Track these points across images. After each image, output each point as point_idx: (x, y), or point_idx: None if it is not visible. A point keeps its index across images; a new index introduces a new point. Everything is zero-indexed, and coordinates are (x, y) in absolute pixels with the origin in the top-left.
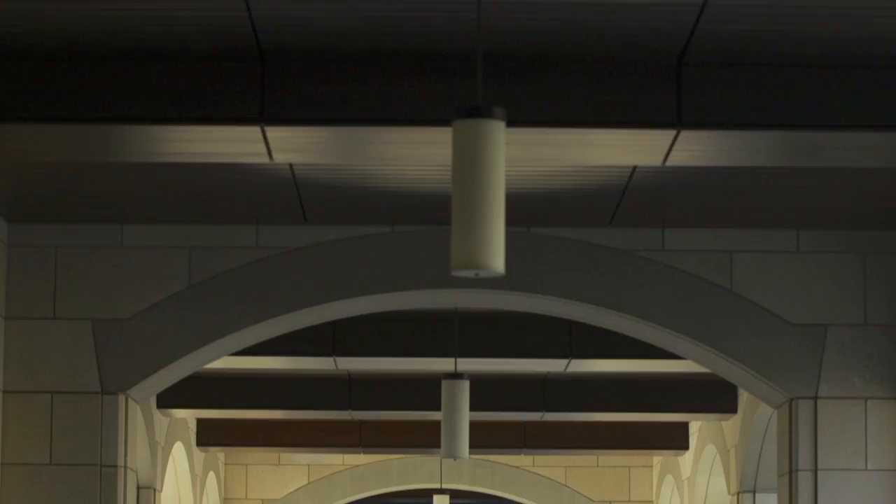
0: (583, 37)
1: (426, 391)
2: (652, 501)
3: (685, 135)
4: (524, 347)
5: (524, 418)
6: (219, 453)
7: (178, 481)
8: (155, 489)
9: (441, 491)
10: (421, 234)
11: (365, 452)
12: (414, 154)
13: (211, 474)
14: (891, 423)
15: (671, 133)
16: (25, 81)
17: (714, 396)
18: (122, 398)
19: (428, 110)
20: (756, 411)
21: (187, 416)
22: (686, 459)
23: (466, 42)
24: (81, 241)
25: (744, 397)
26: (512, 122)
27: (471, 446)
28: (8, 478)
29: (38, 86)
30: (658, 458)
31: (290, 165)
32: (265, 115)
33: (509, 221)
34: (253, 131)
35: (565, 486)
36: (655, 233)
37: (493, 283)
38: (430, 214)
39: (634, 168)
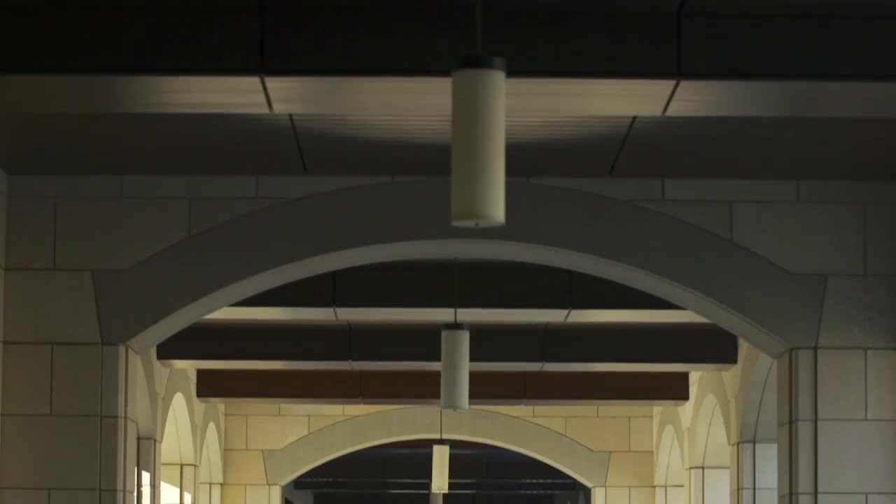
0: None
1: (426, 342)
2: (652, 451)
3: (685, 85)
4: (524, 297)
5: (524, 369)
6: (219, 404)
7: (178, 432)
8: (155, 440)
9: (441, 441)
10: (421, 184)
11: (365, 403)
12: (414, 104)
13: (211, 425)
14: (891, 373)
15: (671, 83)
16: (24, 32)
17: (714, 346)
18: (122, 349)
19: (428, 60)
20: (756, 361)
21: (187, 367)
22: (686, 409)
23: None
24: (81, 193)
25: (743, 347)
26: (512, 73)
27: (471, 397)
28: (8, 428)
29: (36, 36)
30: (658, 409)
31: (290, 116)
32: (265, 65)
33: (509, 172)
34: (252, 82)
35: (565, 436)
36: (655, 183)
37: (493, 233)
38: (430, 165)
39: (634, 118)
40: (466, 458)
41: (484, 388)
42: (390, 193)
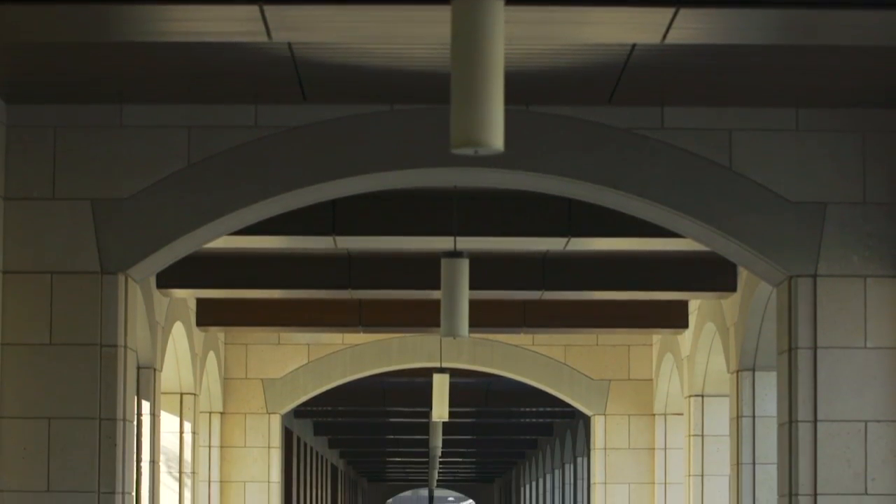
0: None
1: (426, 270)
2: (651, 380)
3: (684, 12)
4: (523, 225)
5: (524, 297)
6: (218, 333)
7: (177, 361)
8: (155, 369)
9: (441, 370)
10: (420, 112)
11: (365, 331)
12: (413, 32)
13: (211, 354)
14: (890, 301)
15: (670, 10)
16: None
17: (713, 274)
18: (121, 278)
19: None
20: (755, 289)
21: (187, 296)
22: (685, 338)
23: None
24: (80, 122)
25: (743, 275)
26: (511, 0)
27: (470, 325)
28: (8, 358)
29: None
30: (657, 337)
31: (289, 44)
32: None
33: (508, 100)
34: (251, 10)
35: (565, 364)
36: (654, 111)
37: (493, 161)
38: (429, 93)
39: (633, 46)
40: (466, 387)
41: (483, 317)
42: (389, 122)
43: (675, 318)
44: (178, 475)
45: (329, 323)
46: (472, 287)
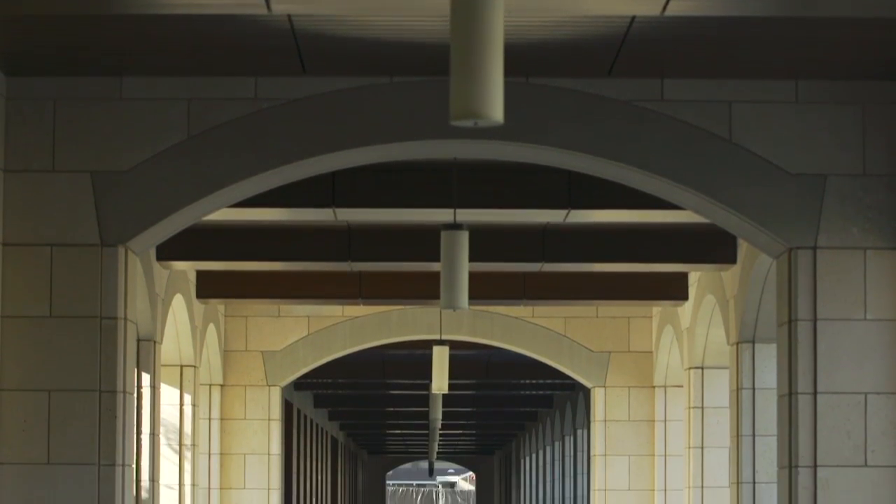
0: None
1: (426, 242)
2: (651, 352)
3: None
4: (523, 197)
5: (523, 269)
6: (218, 305)
7: (177, 333)
8: (155, 341)
9: (440, 342)
10: (420, 84)
11: (364, 304)
12: (413, 4)
13: (211, 326)
14: (890, 273)
15: None
16: None
17: (713, 246)
18: (121, 250)
19: None
20: (755, 261)
21: (187, 268)
22: (685, 310)
23: None
24: (80, 94)
25: (743, 247)
26: None
27: (470, 297)
28: (8, 330)
29: None
30: (657, 309)
31: (289, 16)
32: None
33: (508, 72)
34: None
35: (564, 336)
36: (654, 83)
37: (492, 133)
38: (429, 65)
39: (633, 18)
40: (466, 359)
41: (483, 289)
42: (389, 94)
43: (674, 290)
44: (178, 447)
45: (329, 295)
46: (471, 259)
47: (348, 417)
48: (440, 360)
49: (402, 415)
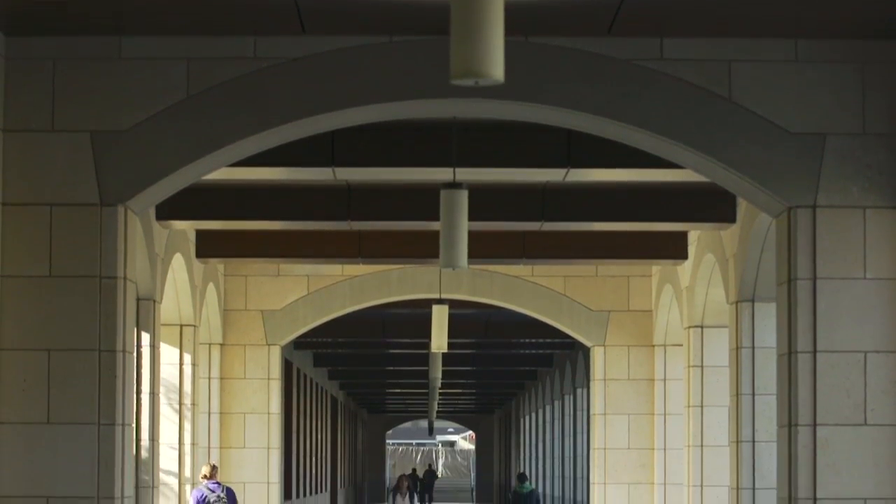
0: None
1: (425, 201)
2: (651, 311)
3: None
4: (523, 157)
5: (523, 228)
6: (218, 264)
7: (177, 293)
8: (154, 300)
9: (440, 301)
10: (419, 43)
11: (364, 263)
12: None
13: (210, 285)
14: (889, 232)
15: None
16: None
17: (713, 205)
18: (121, 210)
19: None
20: (755, 220)
21: (186, 228)
22: (685, 269)
23: None
24: (79, 54)
25: (742, 206)
26: None
27: (470, 256)
28: (8, 290)
29: None
30: (657, 268)
31: None
32: None
33: (508, 31)
34: None
35: (564, 295)
36: (654, 42)
37: (492, 92)
38: (429, 24)
39: None
40: (465, 318)
41: (483, 248)
42: (389, 53)
43: (674, 249)
44: (177, 407)
45: (328, 254)
46: (471, 218)
47: (348, 377)
48: (440, 319)
49: (402, 374)
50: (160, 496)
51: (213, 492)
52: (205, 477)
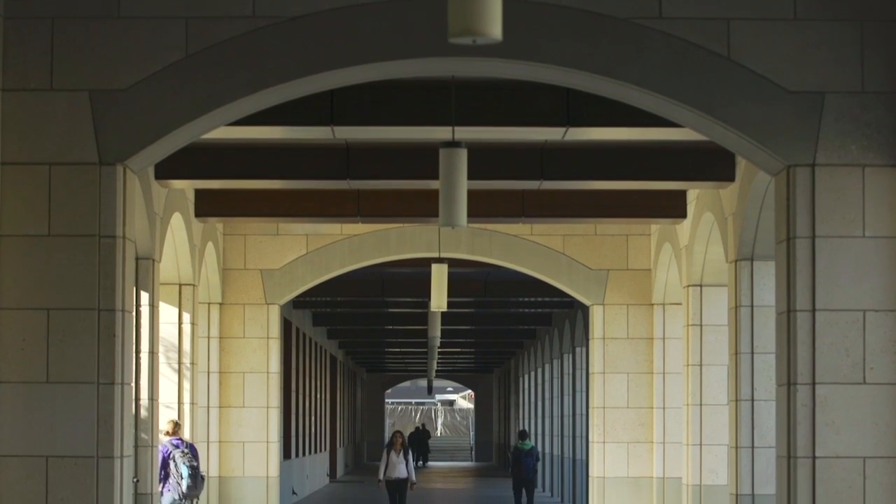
0: None
1: (424, 160)
2: (650, 269)
3: None
4: (522, 115)
5: (522, 187)
6: (217, 223)
7: (176, 252)
8: (153, 260)
9: (439, 260)
10: (418, 2)
11: (363, 222)
12: None
13: (209, 245)
14: (888, 191)
15: None
16: None
17: (712, 164)
18: (119, 169)
19: None
20: (754, 179)
21: (185, 187)
22: (684, 227)
23: None
24: (78, 12)
25: (741, 165)
26: None
27: (469, 215)
28: (6, 249)
29: None
30: (656, 227)
31: None
32: None
33: None
34: None
35: (563, 254)
36: (652, 0)
37: (490, 50)
38: None
39: None
40: (465, 277)
41: (482, 207)
42: (387, 12)
43: (673, 207)
44: (177, 366)
45: (327, 213)
46: (470, 177)
47: (347, 336)
48: (439, 277)
49: (401, 333)
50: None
51: (177, 447)
52: (167, 433)
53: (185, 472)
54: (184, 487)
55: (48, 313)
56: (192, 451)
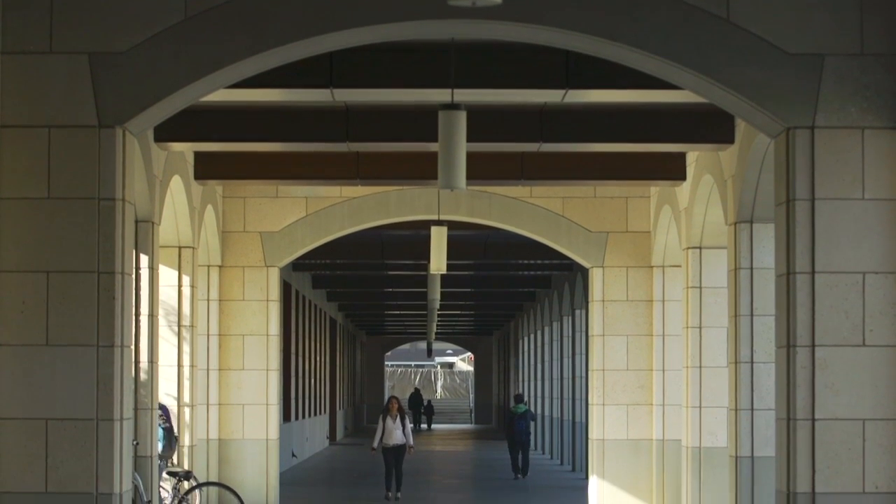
0: None
1: (424, 122)
2: (649, 232)
3: None
4: (521, 77)
5: (522, 149)
6: (216, 186)
7: (175, 215)
8: (153, 222)
9: (439, 222)
10: None
11: (363, 184)
12: None
13: (209, 207)
14: (888, 153)
15: None
16: None
17: (711, 126)
18: (119, 131)
19: None
20: (753, 141)
21: (185, 150)
22: (683, 189)
23: None
24: None
25: (741, 127)
26: None
27: (468, 177)
28: (7, 212)
29: None
30: (655, 189)
31: None
32: None
33: None
34: None
35: (562, 216)
36: None
37: (490, 12)
38: None
39: None
40: (464, 240)
41: (482, 169)
42: None
43: (673, 169)
44: (176, 328)
45: (327, 176)
46: (469, 139)
47: (347, 298)
48: (438, 240)
49: (401, 295)
50: (158, 418)
51: None
52: None
53: (159, 433)
54: (159, 448)
55: (48, 276)
56: (164, 413)
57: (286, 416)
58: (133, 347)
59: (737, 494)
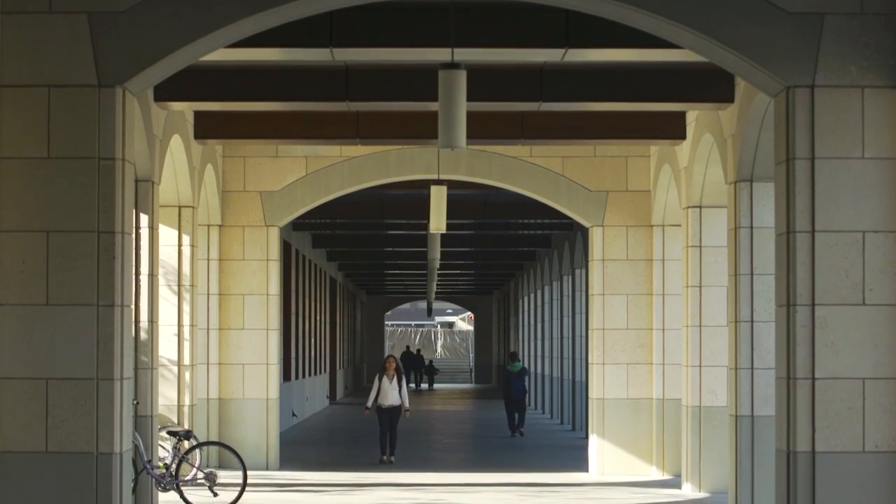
0: None
1: (423, 81)
2: (649, 191)
3: None
4: (521, 37)
5: (521, 108)
6: (216, 146)
7: (175, 174)
8: (153, 182)
9: (438, 182)
10: None
11: (362, 144)
12: None
13: (209, 167)
14: (888, 112)
15: None
16: None
17: (711, 85)
18: (119, 91)
19: None
20: (753, 100)
21: (185, 109)
22: (683, 149)
23: None
24: None
25: (741, 86)
26: None
27: (468, 137)
28: (7, 171)
29: None
30: (655, 148)
31: None
32: None
33: None
34: None
35: (562, 176)
36: None
37: None
38: None
39: None
40: (464, 199)
41: (481, 128)
42: None
43: (672, 128)
44: (176, 288)
45: (327, 135)
46: (469, 98)
47: (347, 258)
48: (438, 199)
49: (401, 255)
50: (159, 377)
51: None
52: None
53: None
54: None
55: (48, 235)
56: None
57: (286, 375)
58: (133, 307)
59: (737, 454)
